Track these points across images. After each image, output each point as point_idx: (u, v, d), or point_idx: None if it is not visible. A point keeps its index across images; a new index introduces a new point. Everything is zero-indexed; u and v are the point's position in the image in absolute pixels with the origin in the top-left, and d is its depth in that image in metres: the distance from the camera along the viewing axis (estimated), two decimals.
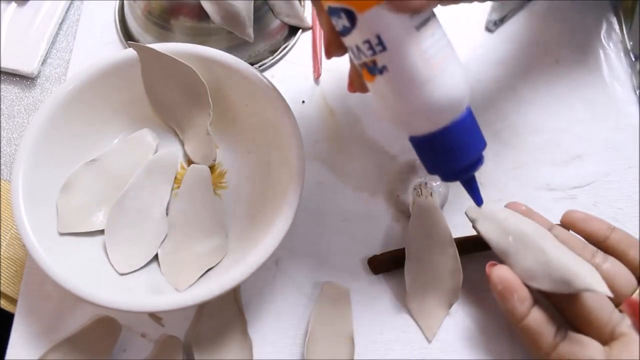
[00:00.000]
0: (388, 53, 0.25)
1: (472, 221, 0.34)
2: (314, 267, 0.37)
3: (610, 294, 0.28)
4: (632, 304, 0.28)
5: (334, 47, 0.28)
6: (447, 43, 0.26)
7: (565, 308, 0.31)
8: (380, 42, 0.25)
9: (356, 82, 0.29)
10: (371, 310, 0.36)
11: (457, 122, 0.26)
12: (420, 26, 0.25)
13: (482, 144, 0.28)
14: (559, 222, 0.35)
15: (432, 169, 0.29)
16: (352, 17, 0.25)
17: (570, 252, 0.30)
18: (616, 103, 0.43)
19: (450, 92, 0.26)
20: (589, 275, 0.28)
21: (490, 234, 0.32)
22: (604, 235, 0.32)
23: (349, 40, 0.26)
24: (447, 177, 0.29)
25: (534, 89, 0.43)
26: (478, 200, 0.31)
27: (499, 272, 0.31)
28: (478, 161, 0.28)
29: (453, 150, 0.27)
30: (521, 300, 0.30)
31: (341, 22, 0.26)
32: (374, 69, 0.26)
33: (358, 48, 0.26)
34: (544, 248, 0.30)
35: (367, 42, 0.25)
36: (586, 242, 0.33)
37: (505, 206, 0.34)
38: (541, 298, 0.31)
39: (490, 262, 0.32)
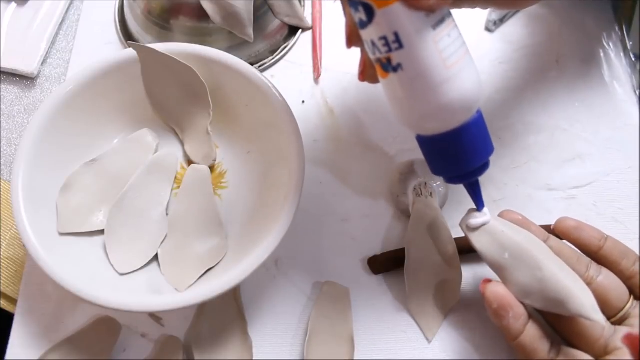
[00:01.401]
0: (405, 51, 0.24)
1: (467, 235, 0.32)
2: (314, 267, 0.37)
3: (604, 323, 0.28)
4: (631, 338, 0.28)
5: (356, 37, 0.27)
6: (462, 44, 0.26)
7: (557, 322, 0.31)
8: (397, 40, 0.24)
9: (368, 73, 0.29)
10: (371, 310, 0.36)
11: (468, 125, 0.26)
12: (436, 25, 0.25)
13: (491, 148, 0.28)
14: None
15: (437, 170, 0.29)
16: (370, 12, 0.24)
17: (566, 269, 0.30)
18: (616, 103, 0.43)
19: (464, 94, 0.25)
20: (584, 300, 0.28)
21: (486, 249, 0.31)
22: (597, 245, 0.32)
23: (365, 34, 0.26)
24: (451, 180, 0.29)
25: (534, 88, 0.43)
26: (480, 205, 0.30)
27: (494, 290, 0.30)
28: (484, 166, 0.28)
29: (461, 153, 0.27)
30: (516, 317, 0.29)
31: (358, 16, 0.25)
32: (387, 66, 0.25)
33: (373, 43, 0.25)
34: (540, 266, 0.29)
35: (384, 38, 0.25)
36: (580, 253, 0.32)
37: (500, 215, 0.33)
38: (534, 312, 0.31)
39: (484, 278, 0.31)
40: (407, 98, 0.26)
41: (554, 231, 0.34)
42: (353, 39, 0.27)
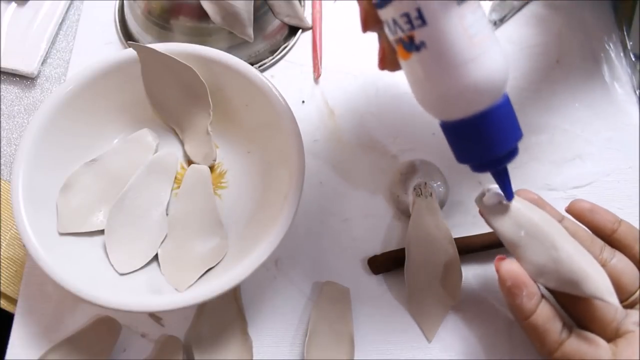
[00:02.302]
0: (428, 28, 0.23)
1: (483, 211, 0.31)
2: (314, 267, 0.37)
3: (618, 305, 0.27)
4: None
5: (373, 20, 0.26)
6: (487, 23, 0.25)
7: (569, 303, 0.30)
8: (420, 16, 0.23)
9: (389, 59, 0.27)
10: (371, 310, 0.36)
11: (496, 107, 0.25)
12: (461, 1, 0.24)
13: (519, 133, 0.26)
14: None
15: (462, 158, 0.27)
16: None
17: (581, 249, 0.29)
18: (616, 103, 0.43)
19: (492, 74, 0.24)
20: (600, 281, 0.28)
21: (501, 226, 0.30)
22: (611, 228, 0.32)
23: (385, 14, 0.25)
24: (479, 168, 0.27)
25: (534, 89, 0.43)
26: (509, 195, 0.29)
27: (509, 267, 0.29)
28: (513, 152, 0.27)
29: (489, 137, 0.25)
30: (530, 296, 0.29)
31: None
32: (410, 46, 0.24)
33: (395, 22, 0.24)
34: (555, 245, 0.29)
35: (406, 15, 0.24)
36: (594, 236, 0.32)
37: (517, 193, 0.32)
38: (545, 293, 0.30)
39: (499, 256, 0.31)
40: (431, 78, 0.25)
41: (568, 213, 0.33)
42: (369, 22, 0.26)
